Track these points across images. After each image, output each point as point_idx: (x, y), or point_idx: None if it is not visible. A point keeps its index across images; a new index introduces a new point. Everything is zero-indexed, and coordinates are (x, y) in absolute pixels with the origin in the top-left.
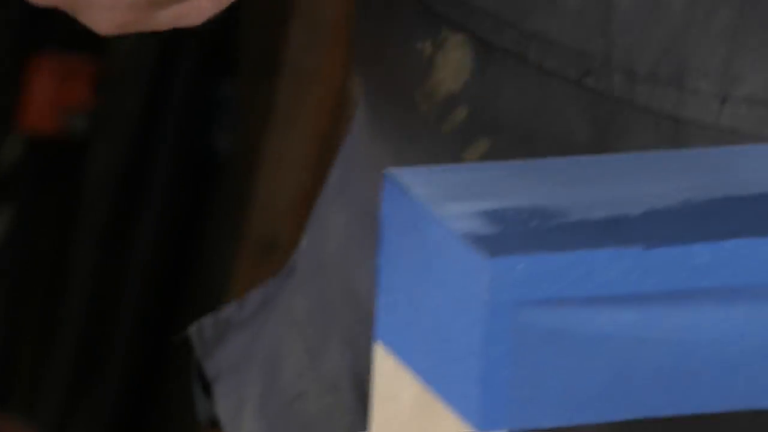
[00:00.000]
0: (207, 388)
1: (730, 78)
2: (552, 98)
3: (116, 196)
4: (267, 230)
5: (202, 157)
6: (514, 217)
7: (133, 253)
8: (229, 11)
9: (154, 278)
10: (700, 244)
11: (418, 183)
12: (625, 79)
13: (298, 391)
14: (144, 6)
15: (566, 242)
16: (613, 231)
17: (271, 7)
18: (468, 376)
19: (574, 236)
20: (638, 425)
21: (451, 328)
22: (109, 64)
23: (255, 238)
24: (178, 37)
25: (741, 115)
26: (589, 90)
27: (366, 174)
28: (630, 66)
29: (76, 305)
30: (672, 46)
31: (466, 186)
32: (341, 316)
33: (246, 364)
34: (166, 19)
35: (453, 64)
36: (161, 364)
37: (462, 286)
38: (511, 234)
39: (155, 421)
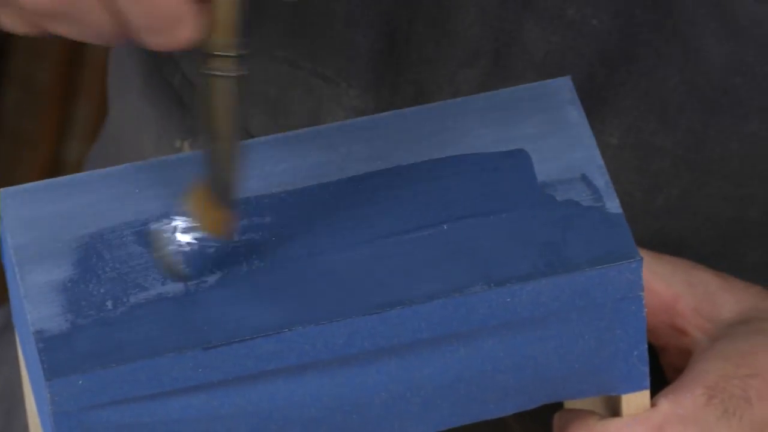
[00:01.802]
0: None
1: None
2: None
3: None
4: None
5: None
6: (89, 297)
7: None
8: None
9: None
10: (261, 338)
11: (18, 224)
12: None
13: None
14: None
15: (130, 345)
16: (183, 316)
17: None
18: None
19: (143, 328)
20: None
21: (36, 393)
22: None
23: None
24: None
25: None
26: None
27: None
28: None
29: None
30: None
31: (64, 227)
32: None
33: None
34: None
35: None
36: None
37: (36, 370)
38: (80, 332)
39: None
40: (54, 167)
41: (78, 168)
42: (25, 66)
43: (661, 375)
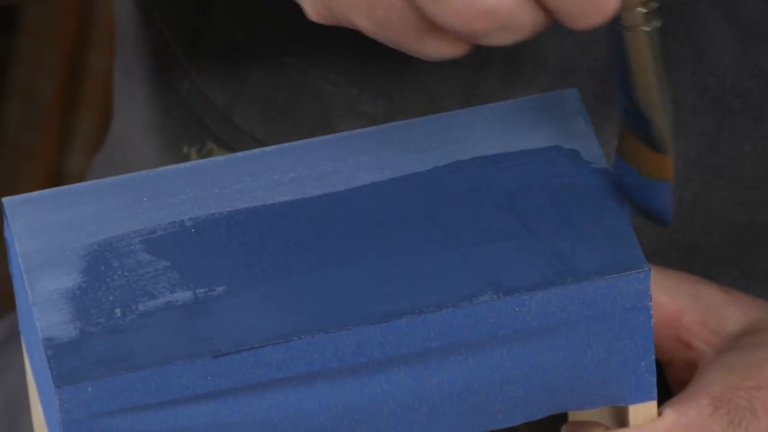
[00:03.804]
0: None
1: None
2: None
3: None
4: None
5: None
6: (98, 305)
7: None
8: None
9: None
10: (270, 346)
11: (26, 232)
12: None
13: None
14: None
15: (140, 353)
16: (192, 324)
17: None
18: None
19: (152, 336)
20: None
21: (43, 397)
22: None
23: None
24: None
25: None
26: None
27: None
28: None
29: None
30: None
31: (72, 235)
32: None
33: None
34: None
35: None
36: None
37: (45, 378)
38: (89, 340)
39: None
40: (55, 179)
41: (79, 180)
42: (27, 78)
43: (667, 391)
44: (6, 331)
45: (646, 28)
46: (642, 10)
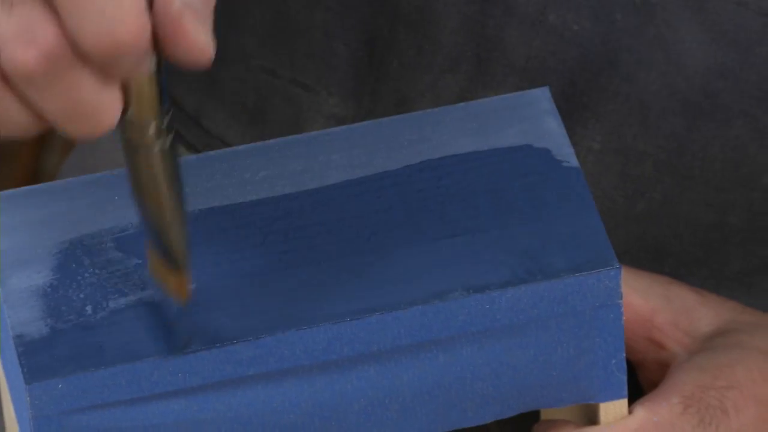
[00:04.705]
0: None
1: None
2: None
3: None
4: None
5: None
6: (69, 302)
7: None
8: None
9: None
10: (241, 343)
11: (5, 230)
12: None
13: None
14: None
15: (110, 350)
16: (163, 321)
17: None
18: None
19: (123, 333)
20: None
21: (16, 402)
22: None
23: None
24: None
25: None
26: None
27: None
28: None
29: None
30: None
31: (44, 233)
32: None
33: None
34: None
35: None
36: None
37: (16, 374)
38: (60, 337)
39: None
40: (32, 180)
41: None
42: None
43: (640, 393)
44: None
45: (156, 149)
46: (149, 131)
